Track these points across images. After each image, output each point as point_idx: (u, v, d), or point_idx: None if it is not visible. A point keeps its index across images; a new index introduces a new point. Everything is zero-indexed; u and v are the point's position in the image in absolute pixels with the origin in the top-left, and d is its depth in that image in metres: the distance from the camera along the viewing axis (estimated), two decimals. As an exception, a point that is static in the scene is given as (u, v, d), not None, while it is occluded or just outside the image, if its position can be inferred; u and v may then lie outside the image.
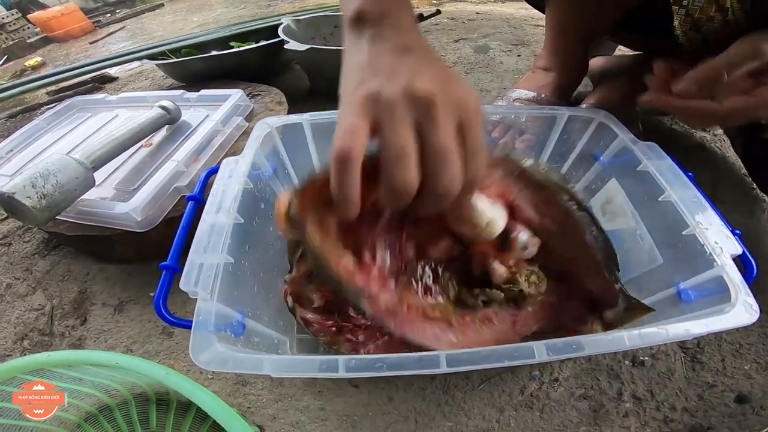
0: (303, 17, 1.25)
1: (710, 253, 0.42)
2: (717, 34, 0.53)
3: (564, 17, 0.82)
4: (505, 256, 0.48)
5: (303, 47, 1.01)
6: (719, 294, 0.40)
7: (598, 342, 0.36)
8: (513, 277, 0.48)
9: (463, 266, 0.51)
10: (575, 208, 0.46)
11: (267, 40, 1.17)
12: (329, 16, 1.30)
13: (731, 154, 0.86)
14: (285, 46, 1.04)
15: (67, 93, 1.44)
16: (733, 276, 0.40)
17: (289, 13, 1.42)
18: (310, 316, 0.53)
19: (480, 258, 0.49)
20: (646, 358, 0.59)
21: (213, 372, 0.60)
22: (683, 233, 0.46)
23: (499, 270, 0.48)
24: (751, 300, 0.38)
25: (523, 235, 0.47)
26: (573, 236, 0.47)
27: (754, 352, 0.59)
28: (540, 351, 0.35)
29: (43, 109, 1.39)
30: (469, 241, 0.48)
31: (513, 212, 0.47)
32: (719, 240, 0.43)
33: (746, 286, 0.40)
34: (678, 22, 0.54)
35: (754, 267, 0.43)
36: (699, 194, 0.48)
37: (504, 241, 0.47)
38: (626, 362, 0.58)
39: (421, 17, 1.07)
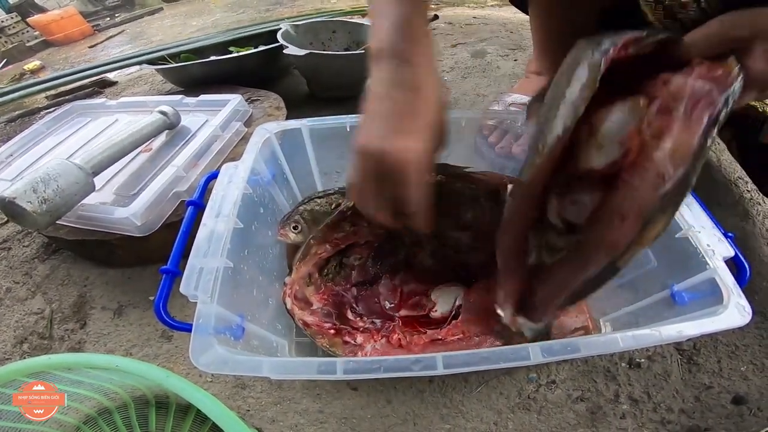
0: (301, 22, 1.26)
1: (702, 256, 0.43)
2: (697, 25, 0.52)
3: (545, 20, 0.82)
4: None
5: (302, 52, 1.02)
6: (712, 296, 0.41)
7: (592, 343, 0.37)
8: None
9: None
10: None
11: (266, 45, 1.18)
12: (327, 21, 1.31)
13: (726, 157, 0.86)
14: (284, 51, 1.05)
15: (67, 97, 1.45)
16: (725, 278, 0.41)
17: (287, 18, 1.43)
18: (308, 318, 0.54)
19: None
20: (643, 359, 0.59)
21: (212, 375, 0.60)
22: (676, 236, 0.46)
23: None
24: (744, 302, 0.39)
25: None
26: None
27: (750, 354, 0.59)
28: (535, 352, 0.35)
29: (42, 113, 1.40)
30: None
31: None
32: (711, 242, 0.44)
33: (738, 288, 0.40)
34: (649, 10, 0.52)
35: (747, 269, 0.44)
36: (692, 197, 0.49)
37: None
38: (623, 364, 0.59)
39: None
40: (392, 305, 0.58)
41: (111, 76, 1.55)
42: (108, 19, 2.95)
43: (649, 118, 0.35)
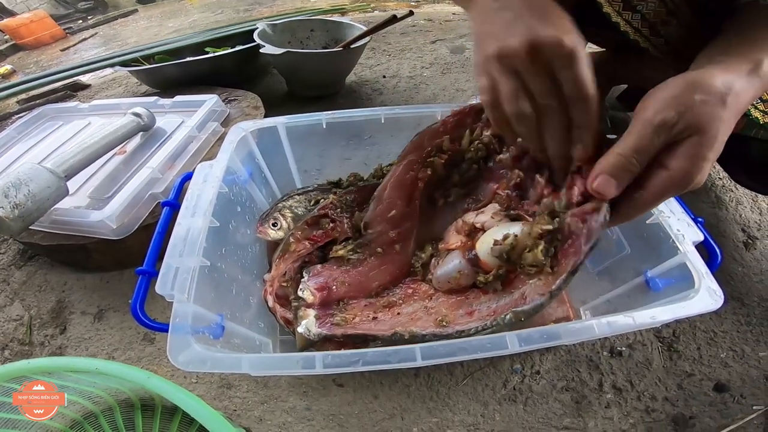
0: (279, 22, 1.25)
1: (673, 241, 0.44)
2: (658, 16, 0.50)
3: None
4: None
5: (278, 51, 1.01)
6: (684, 281, 0.42)
7: (569, 331, 0.37)
8: None
9: None
10: None
11: (243, 44, 1.17)
12: (305, 20, 1.30)
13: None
14: (260, 50, 1.04)
15: (38, 101, 1.41)
16: (696, 262, 0.42)
17: (266, 18, 1.41)
18: (291, 316, 0.53)
19: None
20: (624, 348, 0.60)
21: (197, 376, 0.59)
22: (648, 222, 0.47)
23: None
24: (715, 286, 0.40)
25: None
26: None
27: (730, 340, 0.60)
28: (512, 342, 0.36)
29: (13, 118, 1.35)
30: None
31: None
32: (681, 228, 0.45)
33: (710, 273, 0.41)
34: (605, 1, 0.51)
35: (719, 254, 0.45)
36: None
37: None
38: (604, 353, 0.60)
39: (395, 18, 1.09)
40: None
41: (84, 79, 1.52)
42: (80, 21, 2.87)
43: (525, 262, 0.43)
